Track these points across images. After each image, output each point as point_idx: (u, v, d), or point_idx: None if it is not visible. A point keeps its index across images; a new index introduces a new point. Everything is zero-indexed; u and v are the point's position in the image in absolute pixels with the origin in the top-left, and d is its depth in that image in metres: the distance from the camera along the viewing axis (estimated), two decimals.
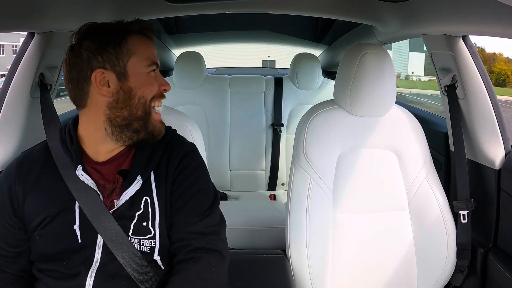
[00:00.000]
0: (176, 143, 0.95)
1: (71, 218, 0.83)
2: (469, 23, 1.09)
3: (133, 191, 0.85)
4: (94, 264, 0.83)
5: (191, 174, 0.91)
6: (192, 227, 0.87)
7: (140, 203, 0.86)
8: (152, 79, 0.87)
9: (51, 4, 1.01)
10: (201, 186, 0.92)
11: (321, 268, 1.17)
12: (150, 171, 0.88)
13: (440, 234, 1.22)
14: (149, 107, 0.87)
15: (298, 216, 1.18)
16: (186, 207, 0.88)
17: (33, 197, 0.86)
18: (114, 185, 0.87)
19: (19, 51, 1.16)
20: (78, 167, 0.85)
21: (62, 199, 0.85)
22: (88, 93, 0.85)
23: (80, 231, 0.83)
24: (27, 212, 0.86)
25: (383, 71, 1.18)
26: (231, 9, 1.65)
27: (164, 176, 0.89)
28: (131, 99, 0.85)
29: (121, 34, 0.85)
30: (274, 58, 3.70)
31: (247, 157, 2.28)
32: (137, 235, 0.85)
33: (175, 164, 0.90)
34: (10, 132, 1.16)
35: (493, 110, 1.27)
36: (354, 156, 1.23)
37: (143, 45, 0.87)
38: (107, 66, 0.84)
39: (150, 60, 0.87)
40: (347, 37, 2.26)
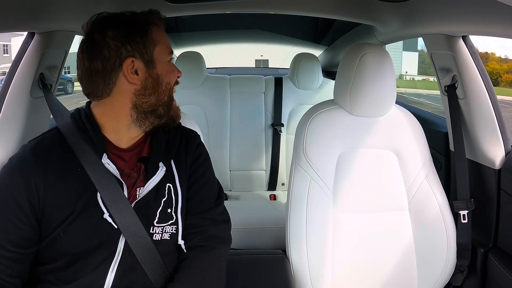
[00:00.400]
0: (189, 132, 1.01)
1: (98, 209, 0.81)
2: (469, 23, 1.09)
3: (158, 178, 0.88)
4: (116, 257, 0.82)
5: (204, 162, 0.97)
6: (207, 213, 0.92)
7: (164, 190, 0.88)
8: (173, 66, 0.93)
9: (51, 4, 1.01)
10: (212, 175, 0.99)
11: (321, 268, 1.16)
12: (171, 159, 0.92)
13: (440, 234, 1.22)
14: (171, 93, 0.92)
15: (298, 216, 1.18)
16: (201, 194, 0.94)
17: (55, 188, 0.80)
18: (136, 172, 0.88)
19: (19, 51, 1.16)
20: (103, 155, 0.84)
21: (86, 190, 0.82)
22: (116, 82, 0.85)
23: (111, 220, 0.82)
24: (49, 206, 0.80)
25: (383, 71, 1.18)
26: (231, 9, 1.65)
27: (184, 163, 0.93)
28: (159, 85, 0.88)
29: (146, 24, 0.88)
30: (267, 58, 3.70)
31: (247, 157, 2.28)
32: (161, 223, 0.86)
33: (192, 151, 0.96)
34: (10, 132, 1.16)
35: (493, 110, 1.27)
36: (354, 156, 1.23)
37: (163, 35, 0.91)
38: (136, 55, 0.85)
39: (169, 48, 0.92)
40: (347, 37, 2.26)
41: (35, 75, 1.18)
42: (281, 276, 1.10)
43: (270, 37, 2.97)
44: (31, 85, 1.18)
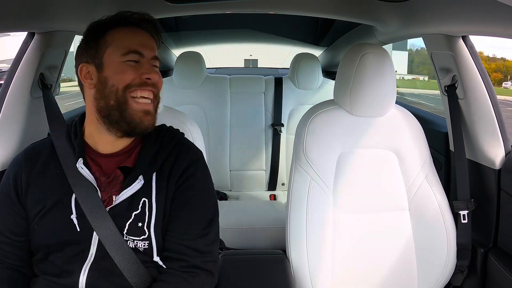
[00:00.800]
0: (183, 147, 0.95)
1: (68, 209, 0.85)
2: (469, 23, 1.09)
3: (133, 190, 0.86)
4: (89, 259, 0.84)
5: (194, 185, 0.91)
6: (190, 242, 0.87)
7: (138, 204, 0.86)
8: (127, 67, 0.86)
9: (51, 4, 1.01)
10: (203, 200, 0.91)
11: (321, 268, 1.16)
12: (153, 172, 0.89)
13: (440, 234, 1.22)
14: (122, 96, 0.85)
15: (298, 216, 1.18)
16: (186, 220, 0.88)
17: (35, 186, 0.88)
18: (110, 179, 0.87)
19: (19, 51, 1.16)
20: (79, 160, 0.87)
21: (61, 190, 0.86)
22: (83, 88, 0.91)
23: (78, 221, 0.84)
24: (29, 200, 0.87)
25: (383, 71, 1.18)
26: (231, 9, 1.65)
27: (165, 180, 0.89)
28: (105, 88, 0.86)
29: (102, 28, 0.89)
30: (256, 58, 3.70)
31: (247, 157, 2.28)
32: (131, 235, 0.85)
33: (180, 170, 0.90)
34: (10, 132, 1.16)
35: (493, 110, 1.27)
36: (354, 156, 1.23)
37: (123, 36, 0.88)
38: (89, 60, 0.88)
39: (127, 48, 0.86)
40: (347, 37, 2.26)
41: (35, 75, 1.18)
42: (281, 276, 1.09)
43: (270, 37, 2.97)
44: (31, 85, 1.18)
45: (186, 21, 2.38)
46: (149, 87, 0.87)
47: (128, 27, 0.89)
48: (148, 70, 0.87)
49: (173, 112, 1.25)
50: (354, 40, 2.13)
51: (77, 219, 0.84)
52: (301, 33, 2.67)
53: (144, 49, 0.88)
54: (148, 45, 0.90)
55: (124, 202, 0.86)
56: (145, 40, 0.90)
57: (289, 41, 2.89)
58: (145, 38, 0.90)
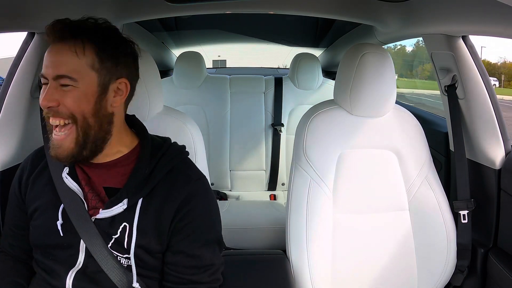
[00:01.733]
0: (181, 176, 0.86)
1: (55, 215, 0.84)
2: (469, 23, 1.09)
3: (113, 213, 0.82)
4: (77, 266, 0.83)
5: (195, 220, 0.85)
6: (193, 276, 0.85)
7: (118, 227, 0.82)
8: (42, 92, 0.79)
9: (51, 4, 1.01)
10: (205, 234, 0.86)
11: (322, 268, 1.16)
12: (140, 197, 0.83)
13: (440, 234, 1.22)
14: (48, 125, 0.81)
15: (298, 216, 1.18)
16: (187, 254, 0.84)
17: (33, 186, 0.89)
18: (100, 197, 0.85)
19: (19, 51, 1.16)
20: (65, 169, 0.86)
21: (52, 195, 0.86)
22: None
23: (62, 228, 0.83)
24: (27, 198, 0.89)
25: (383, 71, 1.18)
26: (231, 9, 1.65)
27: (157, 207, 0.83)
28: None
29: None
30: (225, 58, 3.68)
31: (247, 157, 2.28)
32: (115, 250, 0.83)
33: (177, 203, 0.83)
34: (10, 132, 1.16)
35: (493, 110, 1.27)
36: (354, 156, 1.23)
37: (48, 51, 0.80)
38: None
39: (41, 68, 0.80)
40: (347, 37, 2.26)
41: (35, 75, 1.18)
42: (281, 276, 1.10)
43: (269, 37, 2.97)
44: (31, 85, 1.18)
45: (186, 21, 2.38)
46: (49, 115, 0.78)
47: (50, 41, 0.80)
48: (42, 95, 0.77)
49: (173, 112, 1.25)
50: (354, 40, 2.13)
51: (62, 226, 0.83)
52: (301, 33, 2.67)
53: (46, 70, 0.78)
54: (52, 63, 0.78)
55: (106, 219, 0.83)
56: (50, 58, 0.79)
57: (290, 41, 2.89)
58: (51, 54, 0.79)
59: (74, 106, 0.78)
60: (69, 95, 0.78)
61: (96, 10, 1.23)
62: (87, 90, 0.79)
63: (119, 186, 0.84)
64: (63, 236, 0.83)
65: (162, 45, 2.62)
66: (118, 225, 0.82)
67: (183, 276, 0.84)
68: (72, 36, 0.79)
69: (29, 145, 1.21)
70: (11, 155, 1.15)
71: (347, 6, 1.49)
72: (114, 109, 0.84)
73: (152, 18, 1.66)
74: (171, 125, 1.17)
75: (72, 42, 0.78)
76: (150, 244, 0.83)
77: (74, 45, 0.78)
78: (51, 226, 0.84)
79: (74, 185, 0.84)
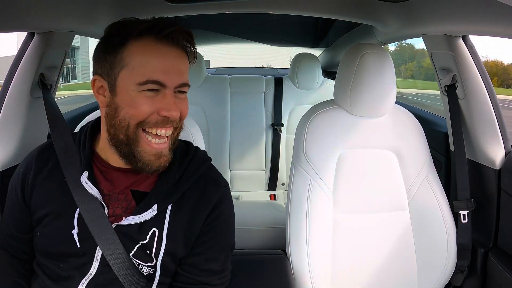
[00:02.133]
0: (211, 181, 0.86)
1: (70, 223, 0.79)
2: (469, 23, 1.09)
3: (144, 219, 0.78)
4: (90, 274, 0.79)
5: (222, 223, 0.85)
6: (207, 278, 0.85)
7: (147, 233, 0.79)
8: (142, 100, 0.72)
9: (51, 4, 1.01)
10: (226, 238, 0.87)
11: (322, 268, 1.16)
12: (169, 203, 0.80)
13: (440, 234, 1.22)
14: (133, 133, 0.74)
15: (298, 216, 1.18)
16: (207, 256, 0.84)
17: (40, 189, 0.82)
18: (123, 202, 0.81)
19: (19, 51, 1.16)
20: (84, 173, 0.79)
21: (65, 200, 0.80)
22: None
23: (78, 237, 0.79)
24: (33, 202, 0.83)
25: (383, 71, 1.18)
26: (231, 9, 1.65)
27: (187, 213, 0.82)
28: (115, 118, 0.75)
29: (122, 36, 0.73)
30: (208, 58, 3.70)
31: (247, 157, 2.28)
32: (137, 259, 0.80)
33: (209, 208, 0.83)
34: (10, 132, 1.16)
35: (493, 110, 1.27)
36: (354, 156, 1.23)
37: (144, 55, 0.72)
38: (103, 75, 0.76)
39: (145, 76, 0.72)
40: (347, 37, 2.26)
41: (35, 75, 1.18)
42: (281, 276, 1.09)
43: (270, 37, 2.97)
44: (31, 85, 1.18)
45: (186, 21, 2.38)
46: (167, 124, 0.75)
47: (154, 40, 0.73)
48: (168, 105, 0.73)
49: None
50: (354, 40, 2.13)
51: (78, 235, 0.78)
52: (301, 33, 2.67)
53: (168, 77, 0.73)
54: (175, 70, 0.74)
55: (133, 226, 0.78)
56: (171, 64, 0.74)
57: (290, 41, 2.89)
58: (171, 60, 0.74)
59: (187, 113, 0.79)
60: (185, 103, 0.79)
61: (96, 10, 1.23)
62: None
63: (147, 190, 0.81)
64: (79, 245, 0.78)
65: None
66: (147, 231, 0.79)
67: (196, 278, 0.84)
68: (185, 41, 0.77)
69: (29, 145, 1.21)
70: (11, 155, 1.15)
71: (347, 6, 1.49)
72: None
73: None
74: None
75: (184, 48, 0.77)
76: (177, 250, 0.81)
77: (187, 51, 0.78)
78: (65, 235, 0.79)
79: (95, 191, 0.79)
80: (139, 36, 0.73)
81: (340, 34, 2.32)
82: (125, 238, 0.79)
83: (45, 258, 0.82)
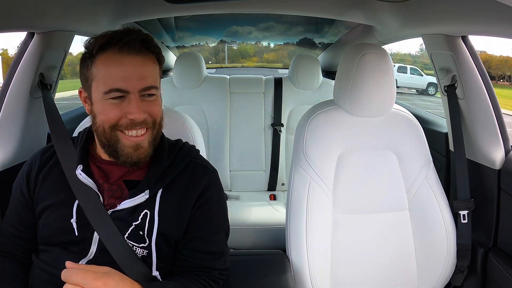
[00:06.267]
0: (199, 167, 0.93)
1: (69, 213, 0.86)
2: (469, 23, 1.09)
3: (136, 202, 0.85)
4: (88, 256, 0.85)
5: (213, 207, 0.91)
6: (209, 262, 0.90)
7: (139, 214, 0.86)
8: (110, 106, 0.80)
9: (51, 4, 1.01)
10: (221, 221, 0.93)
11: (322, 268, 1.16)
12: (159, 188, 0.88)
13: (440, 234, 1.22)
14: (110, 135, 0.83)
15: (298, 216, 1.18)
16: (204, 240, 0.90)
17: (43, 184, 0.90)
18: (116, 192, 0.88)
19: (19, 51, 1.16)
20: (78, 166, 0.88)
21: (65, 193, 0.87)
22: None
23: (77, 225, 0.85)
24: (37, 197, 0.89)
25: (383, 71, 1.18)
26: (230, 9, 1.65)
27: (177, 197, 0.88)
28: (95, 124, 0.85)
29: (90, 53, 0.82)
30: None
31: (247, 157, 2.28)
32: (131, 240, 0.86)
33: (198, 191, 0.89)
34: (10, 132, 1.16)
35: (493, 110, 1.27)
36: (354, 156, 1.23)
37: (106, 67, 0.80)
38: (84, 87, 0.86)
39: (108, 85, 0.79)
40: (347, 37, 2.26)
41: (35, 75, 1.18)
42: (281, 276, 1.09)
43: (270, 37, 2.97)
44: (31, 85, 1.18)
45: (186, 21, 2.38)
46: (137, 126, 0.82)
47: (116, 51, 0.79)
48: (133, 109, 0.80)
49: (173, 113, 1.25)
50: (354, 40, 2.13)
51: (77, 223, 0.85)
52: (301, 33, 2.67)
53: (129, 84, 0.79)
54: (136, 76, 0.80)
55: (126, 210, 0.86)
56: (131, 71, 0.80)
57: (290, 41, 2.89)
58: (132, 67, 0.80)
59: (158, 113, 0.86)
60: (155, 104, 0.85)
61: (96, 10, 1.23)
62: (160, 97, 0.87)
63: (139, 179, 0.88)
64: (77, 232, 0.85)
65: (162, 45, 2.62)
66: (139, 213, 0.86)
67: (197, 262, 0.89)
68: (147, 49, 0.83)
69: (29, 145, 1.21)
70: (11, 155, 1.15)
71: (347, 6, 1.49)
72: None
73: (152, 18, 1.66)
74: (171, 125, 1.17)
75: (149, 54, 0.83)
76: (169, 231, 0.87)
77: (152, 57, 0.84)
78: (64, 224, 0.85)
79: (89, 181, 0.86)
80: (104, 49, 0.80)
81: (340, 34, 2.32)
82: (120, 222, 0.85)
83: (47, 246, 0.88)
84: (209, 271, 0.90)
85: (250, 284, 1.05)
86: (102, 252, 0.85)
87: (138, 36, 0.81)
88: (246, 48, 3.20)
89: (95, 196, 0.86)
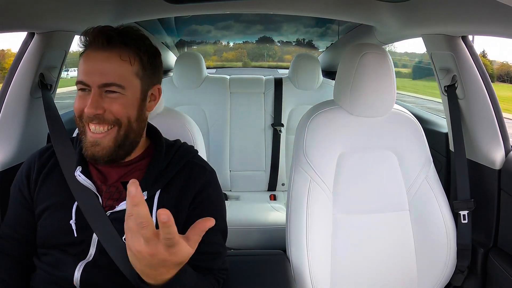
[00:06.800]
0: (197, 167, 0.93)
1: (68, 214, 0.86)
2: (469, 23, 1.09)
3: None
4: (87, 258, 0.85)
5: (210, 207, 0.90)
6: (206, 263, 0.88)
7: None
8: (77, 98, 0.83)
9: (51, 4, 1.01)
10: (218, 222, 0.89)
11: (322, 268, 1.16)
12: (157, 189, 0.88)
13: (440, 234, 1.21)
14: (79, 126, 0.85)
15: (298, 216, 1.18)
16: (202, 241, 0.86)
17: (43, 185, 0.90)
18: (115, 193, 0.88)
19: (19, 51, 1.17)
20: (77, 168, 0.88)
21: (65, 194, 0.87)
22: None
23: (76, 227, 0.85)
24: (36, 198, 0.89)
25: (383, 71, 1.18)
26: (231, 9, 1.65)
27: (174, 197, 0.88)
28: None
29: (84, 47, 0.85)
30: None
31: (247, 157, 2.28)
32: None
33: (194, 191, 0.89)
34: (10, 132, 1.16)
35: (493, 110, 1.27)
36: (354, 156, 1.23)
37: (80, 62, 0.83)
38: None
39: (78, 78, 0.82)
40: (347, 37, 2.26)
41: (35, 75, 1.18)
42: (281, 276, 1.09)
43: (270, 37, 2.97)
44: (31, 85, 1.18)
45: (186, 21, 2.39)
46: (94, 121, 0.81)
47: (89, 48, 0.83)
48: (88, 103, 0.80)
49: (173, 113, 1.25)
50: (354, 40, 2.13)
51: (76, 224, 0.86)
52: (300, 32, 2.68)
53: (90, 78, 0.81)
54: (97, 71, 0.81)
55: (124, 212, 0.83)
56: (94, 66, 0.81)
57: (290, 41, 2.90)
58: (96, 62, 0.81)
59: (121, 112, 0.83)
60: (117, 102, 0.82)
61: (95, 10, 1.23)
62: (133, 97, 0.84)
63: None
64: (76, 233, 0.85)
65: (162, 45, 2.62)
66: None
67: (194, 263, 0.86)
68: (121, 44, 0.82)
69: (29, 145, 1.21)
70: (11, 155, 1.15)
71: (347, 6, 1.49)
72: (148, 113, 0.91)
73: (151, 18, 1.66)
74: (171, 125, 1.17)
75: (121, 51, 0.82)
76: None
77: (125, 53, 0.82)
78: (63, 226, 0.86)
79: (88, 182, 0.87)
80: (86, 47, 0.83)
81: (340, 34, 2.32)
82: (118, 223, 0.84)
83: (46, 249, 0.88)
84: (208, 272, 0.89)
85: (250, 285, 1.05)
86: (101, 253, 0.85)
87: (106, 32, 0.81)
88: (205, 48, 3.21)
89: (94, 197, 0.86)
